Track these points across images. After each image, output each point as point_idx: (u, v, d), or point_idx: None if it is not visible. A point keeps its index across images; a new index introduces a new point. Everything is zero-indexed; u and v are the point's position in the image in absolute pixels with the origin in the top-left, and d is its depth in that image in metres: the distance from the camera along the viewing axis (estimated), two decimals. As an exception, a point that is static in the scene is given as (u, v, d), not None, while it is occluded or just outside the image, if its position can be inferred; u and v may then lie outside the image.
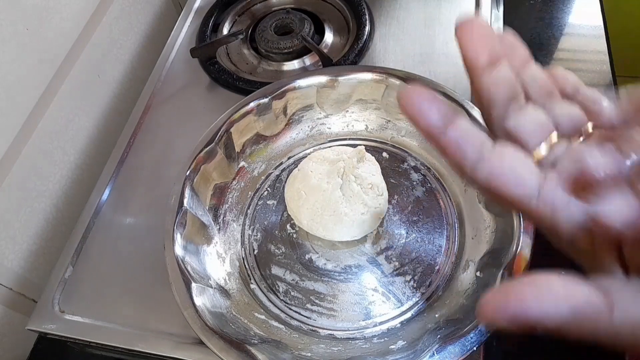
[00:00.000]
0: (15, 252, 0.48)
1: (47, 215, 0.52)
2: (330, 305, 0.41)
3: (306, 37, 0.57)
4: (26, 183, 0.48)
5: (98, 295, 0.44)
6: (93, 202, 0.50)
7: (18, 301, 0.48)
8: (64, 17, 0.51)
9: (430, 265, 0.42)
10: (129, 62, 0.63)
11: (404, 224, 0.44)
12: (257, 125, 0.48)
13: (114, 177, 0.51)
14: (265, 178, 0.49)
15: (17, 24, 0.45)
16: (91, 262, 0.46)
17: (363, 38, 0.57)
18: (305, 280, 0.42)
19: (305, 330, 0.40)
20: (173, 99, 0.57)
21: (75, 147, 0.55)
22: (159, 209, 0.44)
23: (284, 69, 0.58)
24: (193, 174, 0.43)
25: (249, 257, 0.44)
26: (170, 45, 0.62)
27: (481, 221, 0.42)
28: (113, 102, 0.61)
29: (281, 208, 0.47)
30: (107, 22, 0.58)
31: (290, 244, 0.45)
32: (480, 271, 0.39)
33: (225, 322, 0.37)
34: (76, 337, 0.42)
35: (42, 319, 0.43)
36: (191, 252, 0.41)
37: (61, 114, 0.52)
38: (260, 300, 0.42)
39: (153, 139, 0.54)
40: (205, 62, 0.59)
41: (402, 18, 0.59)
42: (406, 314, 0.40)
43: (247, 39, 0.62)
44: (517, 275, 0.35)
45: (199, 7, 0.66)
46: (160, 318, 0.42)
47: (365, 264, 0.43)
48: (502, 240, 0.39)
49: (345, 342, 0.39)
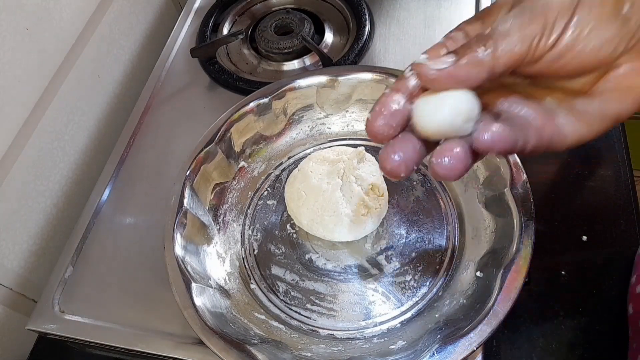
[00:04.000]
0: (15, 252, 0.48)
1: (47, 215, 0.52)
2: (330, 305, 0.41)
3: (306, 37, 0.57)
4: (26, 183, 0.48)
5: (98, 295, 0.44)
6: (93, 202, 0.50)
7: (18, 301, 0.48)
8: (64, 17, 0.51)
9: (430, 265, 0.42)
10: (128, 62, 0.63)
11: (404, 224, 0.44)
12: (257, 125, 0.48)
13: (114, 176, 0.51)
14: (265, 178, 0.49)
15: (17, 24, 0.45)
16: (91, 262, 0.46)
17: (363, 38, 0.57)
18: (305, 280, 0.42)
19: (305, 330, 0.40)
20: (173, 99, 0.57)
21: (75, 147, 0.55)
22: (158, 209, 0.44)
23: (284, 69, 0.58)
24: (193, 174, 0.43)
25: (249, 257, 0.44)
26: (170, 45, 0.62)
27: (481, 221, 0.42)
28: (113, 102, 0.61)
29: (281, 208, 0.47)
30: (107, 22, 0.58)
31: (290, 244, 0.45)
32: (481, 271, 0.39)
33: (225, 322, 0.37)
34: (76, 337, 0.42)
35: (42, 319, 0.43)
36: (191, 252, 0.41)
37: (61, 113, 0.52)
38: (260, 300, 0.42)
39: (153, 139, 0.54)
40: (205, 62, 0.59)
41: (402, 18, 0.59)
42: (406, 314, 0.40)
43: (247, 39, 0.62)
44: (517, 276, 0.35)
45: (199, 7, 0.66)
46: (160, 318, 0.42)
47: (365, 264, 0.43)
48: (502, 240, 0.38)
49: (345, 342, 0.39)
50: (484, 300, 0.35)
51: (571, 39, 0.23)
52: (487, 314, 0.33)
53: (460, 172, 0.23)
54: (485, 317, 0.33)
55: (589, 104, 0.25)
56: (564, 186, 0.47)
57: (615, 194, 0.46)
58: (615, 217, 0.44)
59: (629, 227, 0.44)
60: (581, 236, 0.44)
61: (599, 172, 0.47)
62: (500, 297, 0.34)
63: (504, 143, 0.23)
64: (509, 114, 0.25)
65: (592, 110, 0.25)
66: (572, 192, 0.46)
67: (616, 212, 0.45)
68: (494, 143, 0.23)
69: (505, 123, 0.23)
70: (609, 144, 0.48)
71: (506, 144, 0.23)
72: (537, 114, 0.25)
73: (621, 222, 0.44)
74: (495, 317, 0.33)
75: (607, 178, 0.46)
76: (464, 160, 0.23)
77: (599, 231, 0.44)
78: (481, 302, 0.35)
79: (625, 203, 0.45)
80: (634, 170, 0.47)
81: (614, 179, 0.46)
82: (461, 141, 0.23)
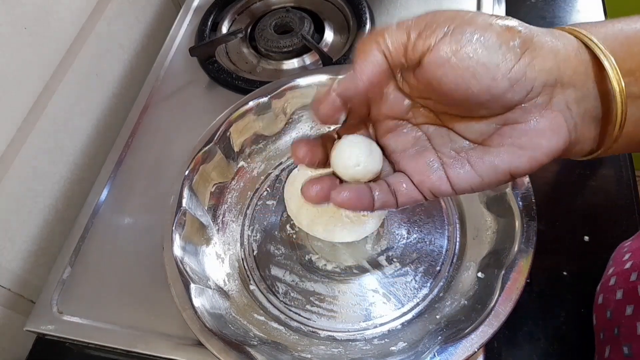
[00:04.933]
0: (14, 252, 0.47)
1: (46, 216, 0.51)
2: (331, 306, 0.41)
3: (306, 35, 0.57)
4: (24, 183, 0.48)
5: (96, 296, 0.44)
6: (91, 202, 0.49)
7: (16, 302, 0.48)
8: (63, 17, 0.51)
9: (431, 266, 0.42)
10: (127, 61, 0.63)
11: (405, 225, 0.44)
12: (256, 124, 0.48)
13: (113, 177, 0.51)
14: (264, 178, 0.49)
15: (15, 24, 0.45)
16: (90, 262, 0.46)
17: (363, 37, 0.56)
18: (305, 281, 0.42)
19: (305, 331, 0.40)
20: (172, 98, 0.57)
21: (73, 146, 0.55)
22: (157, 209, 0.44)
23: (283, 68, 0.58)
24: (192, 173, 0.43)
25: (249, 258, 0.44)
26: (169, 44, 0.61)
27: (482, 222, 0.42)
28: (111, 102, 0.60)
29: (281, 208, 0.46)
30: (105, 21, 0.58)
31: (290, 244, 0.44)
32: (482, 272, 0.39)
33: (225, 323, 0.37)
34: (74, 338, 0.42)
35: (41, 320, 0.43)
36: (190, 252, 0.41)
37: (59, 113, 0.52)
38: (259, 302, 0.42)
39: (152, 139, 0.53)
40: (204, 61, 0.58)
41: (402, 17, 0.58)
42: (407, 315, 0.40)
43: (247, 38, 0.62)
44: (518, 277, 0.35)
45: (198, 6, 0.65)
46: (159, 319, 0.42)
47: (366, 264, 0.42)
48: (503, 241, 0.38)
49: (345, 344, 0.39)
50: (485, 301, 0.34)
51: (449, 49, 0.23)
52: (488, 315, 0.33)
53: (357, 207, 0.27)
54: (486, 318, 0.33)
55: (482, 156, 0.26)
56: (565, 186, 0.47)
57: (617, 194, 0.45)
58: (617, 217, 0.44)
59: (630, 228, 0.43)
60: (583, 237, 0.43)
61: (601, 172, 0.47)
62: (501, 298, 0.34)
63: (352, 206, 0.27)
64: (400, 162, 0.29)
65: (485, 162, 0.25)
66: (573, 192, 0.46)
67: (618, 212, 0.44)
68: (342, 204, 0.27)
69: (351, 191, 0.27)
70: (610, 144, 0.48)
71: (355, 207, 0.27)
72: (420, 170, 0.27)
73: (623, 223, 0.44)
74: (496, 318, 0.33)
75: (608, 178, 0.46)
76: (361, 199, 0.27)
77: (601, 231, 0.44)
78: (482, 303, 0.35)
79: (627, 203, 0.45)
80: (635, 171, 0.47)
81: (616, 179, 0.46)
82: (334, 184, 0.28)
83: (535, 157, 0.24)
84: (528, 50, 0.23)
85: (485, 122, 0.25)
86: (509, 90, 0.23)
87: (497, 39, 0.23)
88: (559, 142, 0.24)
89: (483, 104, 0.24)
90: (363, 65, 0.25)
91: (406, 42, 0.24)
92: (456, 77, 0.23)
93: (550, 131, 0.24)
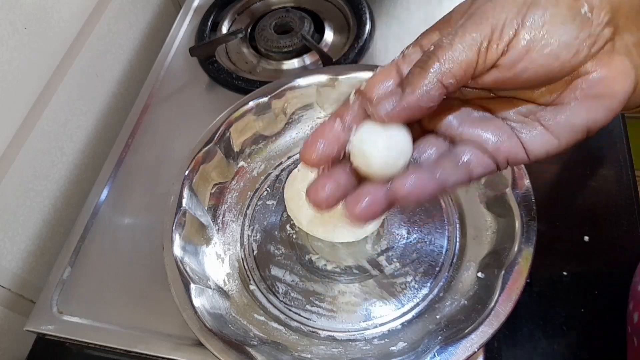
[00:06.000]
0: (14, 252, 0.47)
1: (46, 216, 0.51)
2: (330, 306, 0.41)
3: (306, 35, 0.57)
4: (24, 183, 0.48)
5: (96, 296, 0.44)
6: (91, 203, 0.49)
7: (16, 302, 0.48)
8: (63, 17, 0.51)
9: (431, 266, 0.42)
10: (127, 61, 0.63)
11: (405, 225, 0.44)
12: (256, 124, 0.48)
13: (113, 177, 0.51)
14: (264, 178, 0.49)
15: (15, 24, 0.45)
16: (89, 262, 0.46)
17: (363, 37, 0.57)
18: (305, 281, 0.42)
19: (305, 331, 0.40)
20: (172, 98, 0.57)
21: (73, 146, 0.55)
22: (157, 209, 0.44)
23: (283, 68, 0.58)
24: (192, 173, 0.43)
25: (249, 258, 0.44)
26: (169, 44, 0.61)
27: (482, 222, 0.42)
28: (111, 102, 0.60)
29: (281, 208, 0.46)
30: (105, 21, 0.58)
31: (290, 244, 0.44)
32: (482, 272, 0.39)
33: (225, 324, 0.37)
34: (74, 338, 0.42)
35: (41, 320, 0.43)
36: (190, 252, 0.41)
37: (59, 113, 0.52)
38: (259, 302, 0.42)
39: (152, 139, 0.53)
40: (204, 61, 0.58)
41: (402, 17, 0.59)
42: (407, 315, 0.40)
43: (247, 38, 0.62)
44: (518, 277, 0.35)
45: (198, 6, 0.65)
46: (159, 319, 0.42)
47: (366, 264, 0.42)
48: (503, 241, 0.38)
49: (345, 344, 0.39)
50: (485, 301, 0.34)
51: (525, 42, 0.22)
52: (488, 315, 0.33)
53: (372, 217, 0.24)
54: (486, 318, 0.33)
55: (556, 116, 0.24)
56: (565, 186, 0.47)
57: (617, 194, 0.45)
58: (617, 217, 0.44)
59: (630, 228, 0.43)
60: (583, 237, 0.43)
61: (601, 172, 0.47)
62: (501, 298, 0.34)
63: (421, 194, 0.23)
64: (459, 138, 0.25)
65: (560, 121, 0.24)
66: (573, 192, 0.46)
67: (618, 212, 0.44)
68: (409, 195, 0.23)
69: (419, 172, 0.23)
70: (610, 144, 0.48)
71: (424, 194, 0.23)
72: (492, 135, 0.24)
73: (623, 223, 0.44)
74: (496, 318, 0.33)
75: (608, 178, 0.46)
76: (378, 207, 0.24)
77: (601, 232, 0.43)
78: (482, 303, 0.35)
79: (627, 203, 0.45)
80: (635, 171, 0.47)
81: (616, 179, 0.46)
82: (380, 187, 0.23)
83: (611, 106, 0.23)
84: (595, 10, 0.22)
85: (554, 83, 0.24)
86: (588, 55, 0.22)
87: (569, 12, 0.22)
88: (630, 86, 0.23)
89: (562, 76, 0.23)
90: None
91: (476, 59, 0.22)
92: (537, 66, 0.22)
93: (622, 75, 0.23)
